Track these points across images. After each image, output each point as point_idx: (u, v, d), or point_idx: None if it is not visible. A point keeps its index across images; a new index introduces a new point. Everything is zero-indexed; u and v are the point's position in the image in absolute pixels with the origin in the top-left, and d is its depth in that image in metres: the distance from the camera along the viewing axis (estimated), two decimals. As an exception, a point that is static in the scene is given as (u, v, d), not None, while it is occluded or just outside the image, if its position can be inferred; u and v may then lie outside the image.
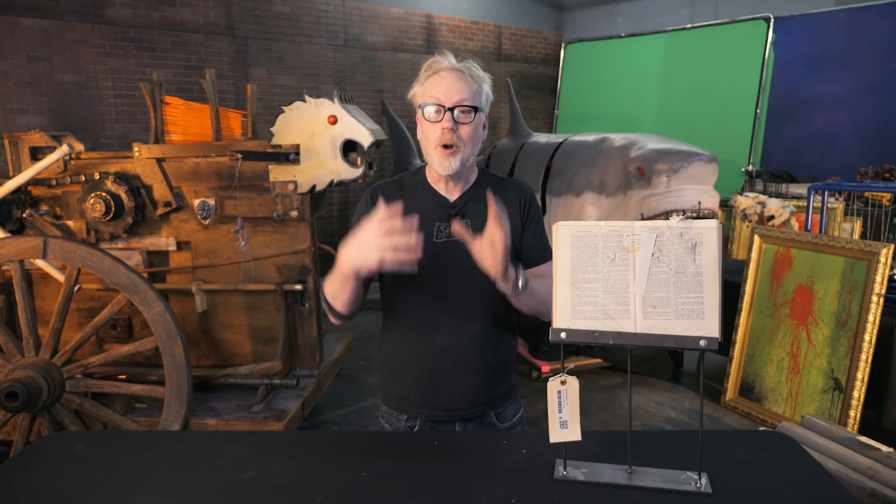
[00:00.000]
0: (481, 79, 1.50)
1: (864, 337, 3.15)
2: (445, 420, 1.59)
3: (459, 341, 1.55)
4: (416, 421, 1.61)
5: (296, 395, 3.20)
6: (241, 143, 3.25)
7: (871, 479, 1.83)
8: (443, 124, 1.45)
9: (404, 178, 1.63)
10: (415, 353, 1.58)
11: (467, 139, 1.47)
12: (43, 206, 3.36)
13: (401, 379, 1.62)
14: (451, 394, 1.57)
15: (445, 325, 1.55)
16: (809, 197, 4.00)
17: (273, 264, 3.35)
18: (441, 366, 1.56)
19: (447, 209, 1.54)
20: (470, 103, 1.45)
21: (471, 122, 1.47)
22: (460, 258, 1.49)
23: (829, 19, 6.20)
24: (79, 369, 2.79)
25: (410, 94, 1.54)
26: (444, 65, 1.48)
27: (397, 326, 1.62)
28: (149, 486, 1.27)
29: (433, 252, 1.49)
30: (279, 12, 6.42)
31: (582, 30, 9.05)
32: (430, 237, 1.51)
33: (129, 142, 4.98)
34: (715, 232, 1.17)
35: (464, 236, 1.32)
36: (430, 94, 1.46)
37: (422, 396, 1.59)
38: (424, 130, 1.50)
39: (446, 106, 1.44)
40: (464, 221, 1.52)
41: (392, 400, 1.65)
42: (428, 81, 1.49)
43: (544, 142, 4.54)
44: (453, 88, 1.45)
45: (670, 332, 1.18)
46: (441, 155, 1.46)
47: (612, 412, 3.87)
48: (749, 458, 1.31)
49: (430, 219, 1.53)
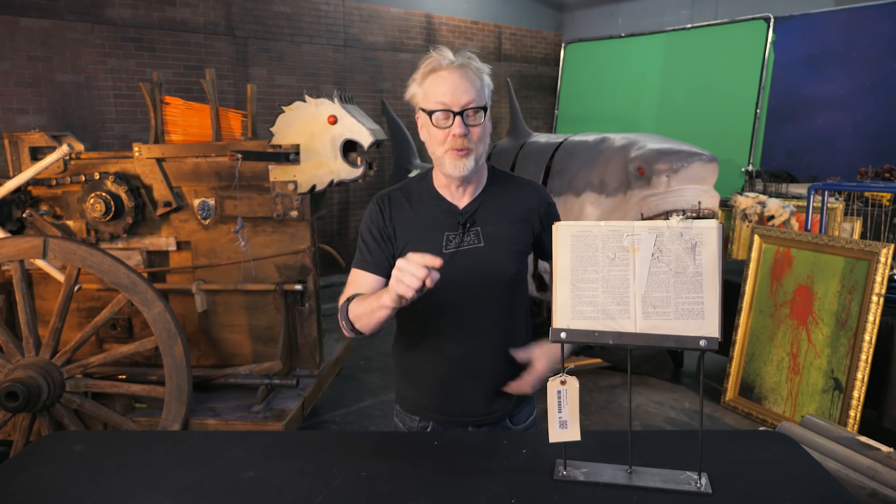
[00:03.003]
0: (481, 71, 1.45)
1: (864, 337, 3.15)
2: (459, 424, 1.59)
3: (472, 351, 1.52)
4: (430, 423, 1.61)
5: (296, 395, 3.20)
6: (241, 143, 3.25)
7: (871, 479, 1.83)
8: (453, 130, 1.39)
9: (411, 185, 1.58)
10: (427, 363, 1.57)
11: (478, 139, 1.43)
12: (43, 206, 3.36)
13: (414, 385, 1.61)
14: (464, 402, 1.56)
15: (458, 335, 1.52)
16: (809, 197, 3.99)
17: (273, 264, 3.35)
18: (454, 375, 1.54)
19: (456, 217, 1.50)
20: (478, 103, 1.40)
21: (480, 122, 1.42)
22: (471, 268, 1.47)
23: (829, 19, 6.20)
24: (79, 369, 2.79)
25: (408, 96, 1.48)
26: (444, 63, 1.41)
27: (410, 334, 1.60)
28: (149, 486, 1.27)
29: (445, 262, 1.45)
30: (279, 12, 6.42)
31: (582, 30, 9.05)
32: (439, 247, 1.48)
33: (129, 142, 4.99)
34: (715, 232, 1.17)
35: None
36: (435, 99, 1.40)
37: (434, 402, 1.58)
38: (432, 135, 1.43)
39: (455, 110, 1.39)
40: (474, 229, 1.49)
41: (407, 404, 1.64)
42: (428, 82, 1.42)
43: (544, 142, 4.54)
44: (460, 90, 1.38)
45: (670, 332, 1.18)
46: (454, 157, 1.41)
47: (612, 412, 3.87)
48: (749, 458, 1.31)
49: (440, 228, 1.49)
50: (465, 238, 1.49)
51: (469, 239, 1.49)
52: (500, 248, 1.50)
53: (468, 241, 1.49)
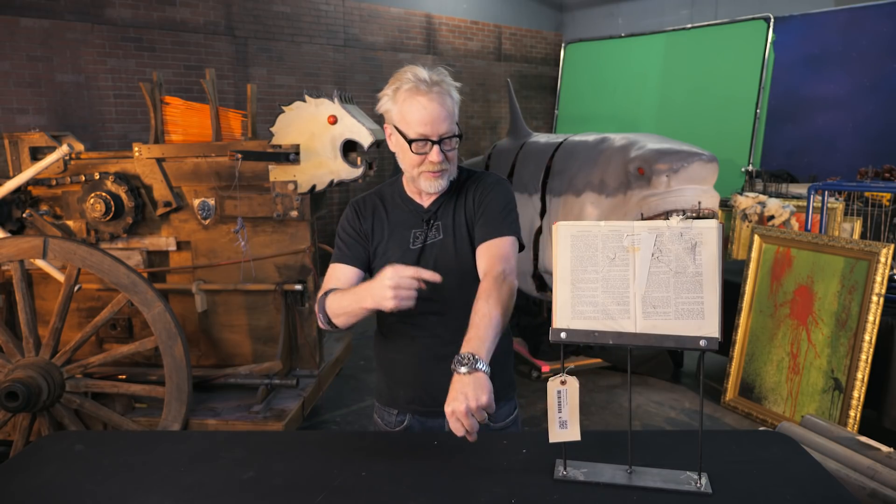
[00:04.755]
0: (451, 88, 1.52)
1: (864, 337, 3.15)
2: (434, 415, 1.62)
3: (443, 339, 1.58)
4: (406, 416, 1.67)
5: (296, 395, 3.20)
6: (241, 143, 3.25)
7: (871, 479, 1.83)
8: (431, 157, 1.49)
9: (384, 190, 1.69)
10: (401, 353, 1.66)
11: (452, 160, 1.54)
12: (43, 206, 3.36)
13: (390, 376, 1.70)
14: (438, 390, 1.56)
15: (429, 324, 1.60)
16: (809, 197, 3.99)
17: (273, 264, 3.35)
18: (425, 364, 1.61)
19: (421, 215, 1.62)
20: (454, 132, 1.50)
21: (455, 147, 1.53)
22: (437, 260, 1.58)
23: (829, 19, 6.20)
24: (79, 369, 2.79)
25: (382, 109, 1.55)
26: (423, 88, 1.47)
27: (385, 328, 1.69)
28: (149, 486, 1.27)
29: (411, 257, 1.58)
30: (279, 12, 6.42)
31: (582, 30, 9.05)
32: (406, 244, 1.60)
33: (129, 142, 4.98)
34: (715, 232, 1.17)
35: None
36: (414, 129, 1.47)
37: (409, 393, 1.65)
38: (408, 156, 1.52)
39: (433, 139, 1.48)
40: (436, 224, 1.60)
41: (383, 398, 1.72)
42: (406, 106, 1.48)
43: (544, 142, 4.54)
44: (438, 119, 1.47)
45: (670, 332, 1.18)
46: (429, 178, 1.53)
47: (612, 412, 3.87)
48: (749, 458, 1.31)
49: (407, 227, 1.61)
50: (429, 233, 1.60)
51: (432, 234, 1.61)
52: (459, 238, 1.60)
53: (431, 235, 1.61)
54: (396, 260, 1.53)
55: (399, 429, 1.68)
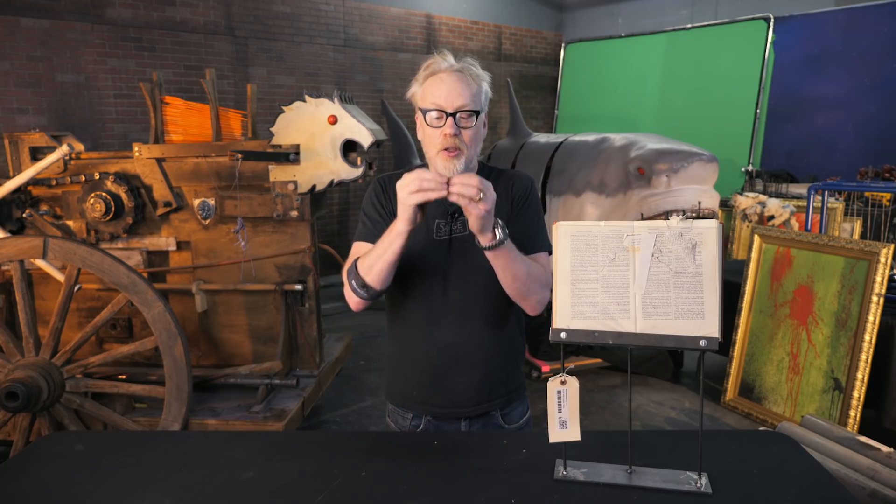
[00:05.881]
0: (480, 77, 1.49)
1: (864, 337, 3.15)
2: (449, 417, 1.60)
3: (460, 338, 1.55)
4: (422, 419, 1.62)
5: (296, 395, 3.20)
6: (241, 143, 3.25)
7: (871, 479, 1.83)
8: (445, 130, 1.43)
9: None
10: (416, 351, 1.59)
11: (469, 142, 1.47)
12: (43, 206, 3.36)
13: (404, 377, 1.63)
14: (453, 391, 1.57)
15: (446, 322, 1.55)
16: (809, 197, 3.99)
17: (273, 264, 3.35)
18: (442, 363, 1.56)
19: (445, 206, 1.52)
20: (471, 107, 1.45)
21: (472, 125, 1.46)
22: (461, 255, 1.52)
23: (829, 19, 6.20)
24: (79, 369, 2.79)
25: (409, 94, 1.53)
26: (444, 66, 1.46)
27: (400, 325, 1.63)
28: (149, 486, 1.27)
29: (434, 249, 1.52)
30: (279, 12, 6.42)
31: (582, 30, 9.05)
32: (430, 234, 1.53)
33: (129, 142, 4.98)
34: (715, 232, 1.17)
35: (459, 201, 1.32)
36: (430, 99, 1.45)
37: (424, 394, 1.60)
38: (426, 134, 1.48)
39: (448, 111, 1.43)
40: (462, 218, 1.52)
41: (397, 398, 1.66)
42: (427, 83, 1.47)
43: (544, 142, 4.54)
44: (455, 93, 1.43)
45: (670, 332, 1.18)
46: (445, 158, 1.45)
47: (612, 412, 3.87)
48: (749, 458, 1.31)
49: (431, 217, 1.53)
50: (454, 227, 1.54)
51: (457, 228, 1.54)
52: None
53: (457, 229, 1.54)
54: (418, 250, 1.50)
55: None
